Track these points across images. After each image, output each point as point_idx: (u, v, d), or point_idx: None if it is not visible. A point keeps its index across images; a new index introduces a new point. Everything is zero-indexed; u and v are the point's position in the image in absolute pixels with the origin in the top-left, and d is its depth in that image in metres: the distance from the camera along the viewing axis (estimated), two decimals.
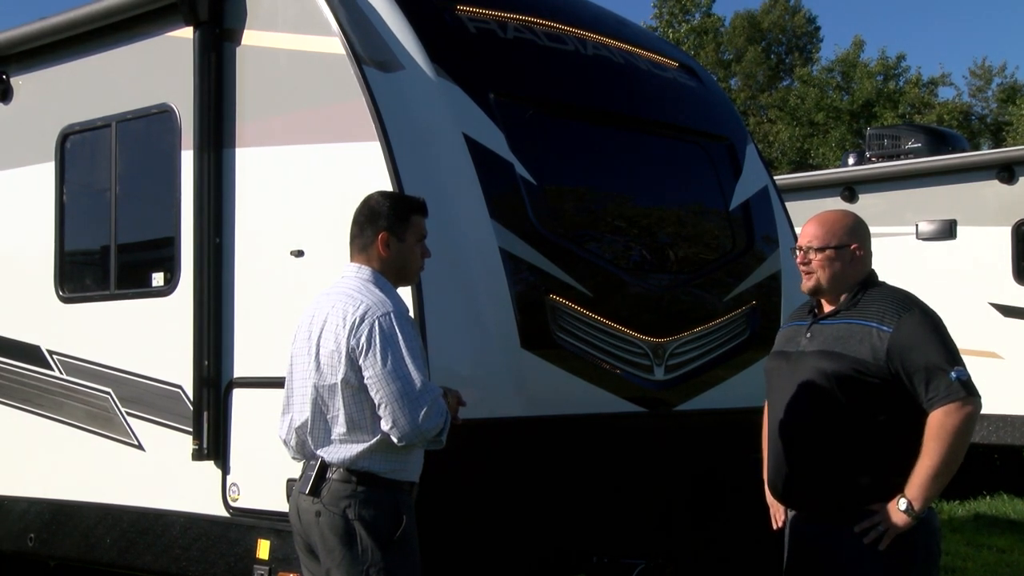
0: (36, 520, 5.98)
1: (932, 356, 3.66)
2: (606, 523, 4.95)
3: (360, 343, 3.56)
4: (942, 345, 3.69)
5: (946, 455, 3.62)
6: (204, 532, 5.16)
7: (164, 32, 5.49)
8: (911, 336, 3.71)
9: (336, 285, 3.77)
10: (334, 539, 3.60)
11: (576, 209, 5.37)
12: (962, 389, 3.62)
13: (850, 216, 4.02)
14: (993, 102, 37.67)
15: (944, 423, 3.62)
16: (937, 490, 3.67)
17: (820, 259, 3.88)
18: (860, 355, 3.75)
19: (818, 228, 3.93)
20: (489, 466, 4.49)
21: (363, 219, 3.78)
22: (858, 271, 3.90)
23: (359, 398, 3.60)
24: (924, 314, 3.77)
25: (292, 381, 3.81)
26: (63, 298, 5.96)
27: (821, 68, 38.58)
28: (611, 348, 4.97)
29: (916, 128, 13.41)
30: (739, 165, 5.98)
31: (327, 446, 3.66)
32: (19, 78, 6.30)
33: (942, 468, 3.63)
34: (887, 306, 3.80)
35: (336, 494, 3.61)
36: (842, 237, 3.89)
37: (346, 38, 4.77)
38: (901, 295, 3.86)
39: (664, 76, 5.99)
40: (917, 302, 3.84)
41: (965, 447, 3.65)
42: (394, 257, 3.76)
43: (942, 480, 3.66)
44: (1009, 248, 10.66)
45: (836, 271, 3.88)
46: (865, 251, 3.92)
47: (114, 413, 5.61)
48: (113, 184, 5.77)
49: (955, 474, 3.69)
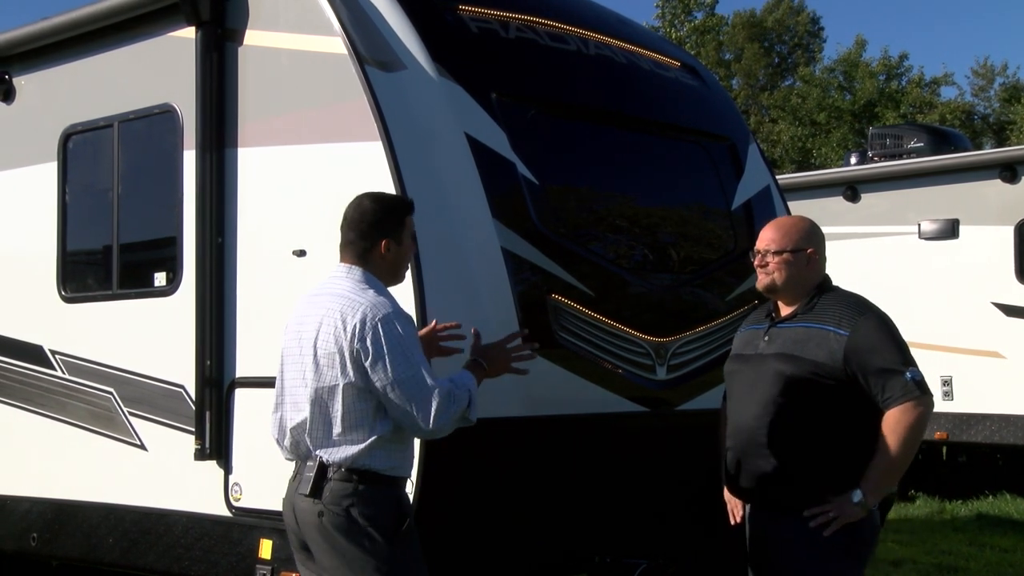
0: (38, 520, 5.98)
1: (888, 358, 3.85)
2: (608, 523, 4.95)
3: (365, 346, 3.59)
4: (896, 347, 3.88)
5: (902, 451, 3.82)
6: (206, 532, 5.16)
7: (166, 32, 5.50)
8: (867, 339, 3.88)
9: (326, 286, 3.80)
10: (341, 538, 3.62)
11: (578, 209, 5.37)
12: (916, 389, 3.82)
13: (806, 221, 4.21)
14: (996, 101, 37.64)
15: (900, 420, 3.81)
16: (888, 484, 3.91)
17: (777, 261, 4.06)
18: (818, 358, 3.91)
19: (776, 232, 4.12)
20: (490, 466, 4.49)
21: (364, 225, 3.81)
22: (813, 275, 4.08)
23: (361, 398, 3.64)
24: (879, 318, 3.95)
25: (283, 381, 3.85)
26: (65, 298, 5.96)
27: (823, 68, 38.56)
28: (613, 348, 4.97)
29: (919, 128, 13.40)
30: (741, 165, 5.98)
31: (327, 446, 3.68)
32: (21, 78, 6.30)
33: (898, 463, 3.85)
34: (843, 310, 3.97)
35: (338, 494, 3.63)
36: (798, 241, 4.07)
37: (348, 38, 4.78)
38: (856, 300, 4.05)
39: (666, 76, 5.99)
40: (871, 307, 4.02)
41: (918, 443, 3.88)
42: (392, 260, 3.84)
43: (896, 475, 3.92)
44: (1012, 248, 10.65)
45: (792, 273, 4.05)
46: (820, 255, 4.11)
47: (116, 413, 5.62)
48: (115, 184, 5.77)
49: (908, 471, 3.94)
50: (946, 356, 10.73)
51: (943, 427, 10.74)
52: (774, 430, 3.96)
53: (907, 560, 8.23)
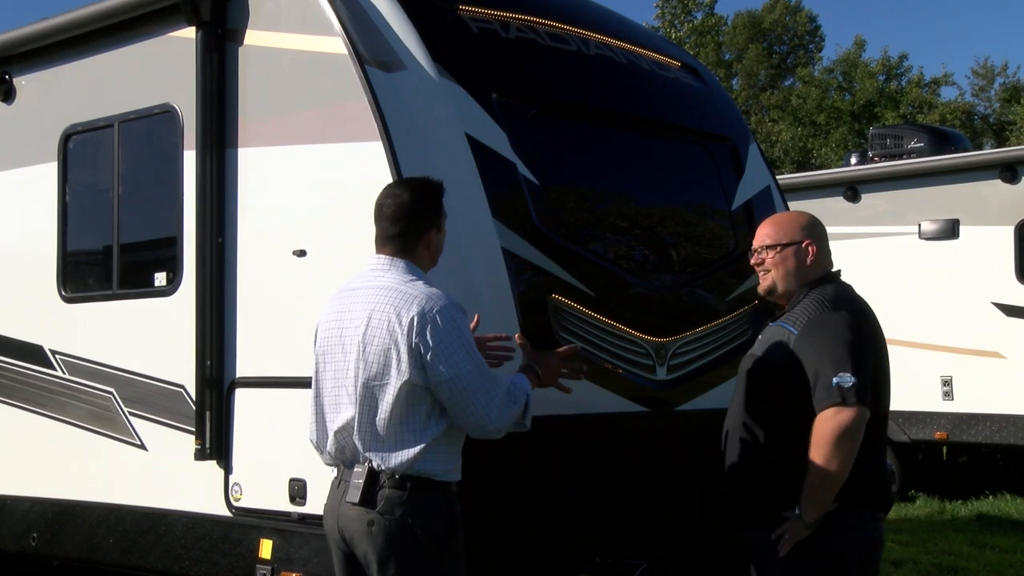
0: (39, 520, 5.98)
1: (820, 359, 3.62)
2: (608, 523, 4.95)
3: (425, 340, 3.42)
4: (832, 348, 3.62)
5: (820, 462, 3.56)
6: (206, 532, 5.16)
7: (167, 32, 5.50)
8: (808, 338, 3.68)
9: (365, 280, 3.62)
10: (391, 548, 3.44)
11: (579, 209, 5.37)
12: (838, 395, 3.55)
13: (803, 214, 4.04)
14: (996, 102, 37.65)
15: (818, 428, 3.58)
16: (821, 498, 3.58)
17: (772, 257, 3.89)
18: (772, 358, 3.76)
19: (770, 227, 3.96)
20: (489, 466, 4.48)
21: (411, 218, 3.63)
22: (813, 270, 3.88)
23: (417, 396, 3.46)
24: (831, 317, 3.70)
25: (322, 381, 3.64)
26: (66, 298, 5.97)
27: (822, 68, 38.57)
28: (613, 348, 4.97)
29: (919, 128, 13.38)
30: (741, 165, 5.98)
31: (376, 449, 3.49)
32: (22, 78, 6.30)
33: (821, 475, 3.56)
34: (809, 308, 3.76)
35: (391, 502, 3.45)
36: (794, 234, 3.89)
37: (348, 38, 4.77)
38: (830, 296, 3.79)
39: (667, 76, 5.99)
40: (840, 304, 3.75)
41: (841, 456, 3.55)
42: (435, 248, 3.71)
43: (822, 488, 3.58)
44: (1012, 248, 10.64)
45: (789, 269, 3.87)
46: (820, 249, 3.89)
47: (117, 413, 5.62)
48: (116, 184, 5.77)
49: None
50: (946, 356, 10.74)
51: (943, 427, 10.74)
52: (737, 436, 3.83)
53: (908, 560, 8.23)
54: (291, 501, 4.77)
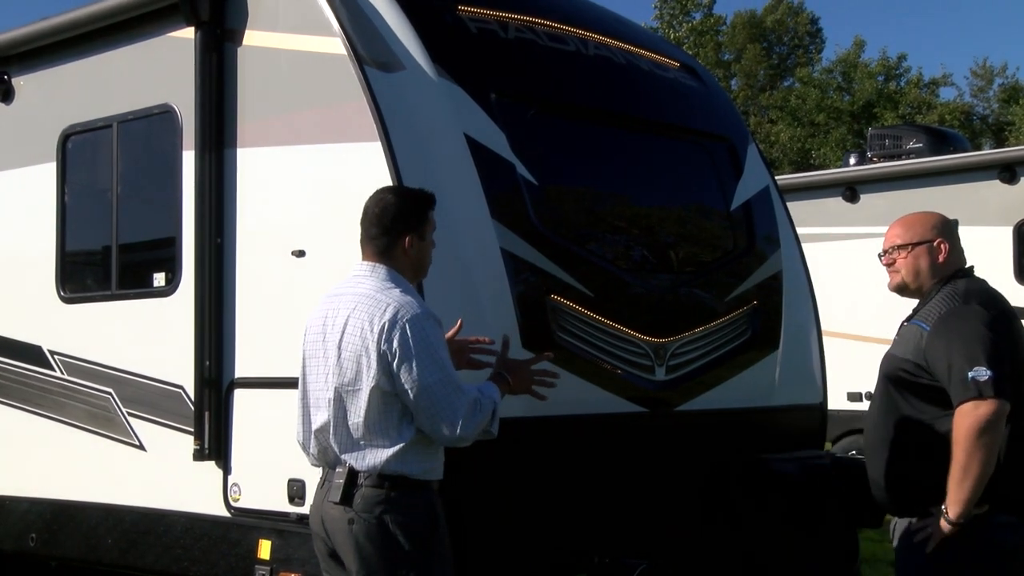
0: (37, 520, 5.98)
1: (954, 354, 3.62)
2: (607, 523, 4.95)
3: (392, 348, 3.49)
4: (965, 343, 3.62)
5: (962, 459, 3.55)
6: (205, 532, 5.16)
7: (165, 32, 5.49)
8: (941, 333, 3.68)
9: (349, 285, 3.70)
10: (370, 546, 3.52)
11: (577, 209, 5.37)
12: (974, 389, 3.54)
13: (933, 213, 4.04)
14: (994, 102, 37.69)
15: (957, 424, 3.58)
16: (967, 495, 3.57)
17: (904, 257, 3.90)
18: (906, 355, 3.76)
19: (900, 227, 3.97)
20: (489, 467, 4.49)
21: (387, 222, 3.70)
22: (945, 267, 3.89)
23: (387, 402, 3.54)
24: (963, 311, 3.71)
25: (307, 384, 3.73)
26: (64, 298, 5.96)
27: (822, 69, 38.58)
28: (612, 348, 4.97)
29: (917, 128, 13.39)
30: (740, 165, 5.98)
31: (353, 451, 3.57)
32: (21, 78, 6.30)
33: (962, 472, 3.56)
34: (941, 303, 3.77)
35: (369, 500, 3.53)
36: (923, 233, 3.91)
37: (347, 38, 4.77)
38: (964, 291, 3.80)
39: (665, 76, 5.99)
40: (974, 297, 3.76)
41: (982, 451, 3.54)
42: (415, 256, 3.74)
43: (967, 485, 3.56)
44: (1010, 248, 10.64)
45: (921, 268, 3.88)
46: (952, 246, 3.91)
47: (115, 413, 5.61)
48: (114, 184, 5.77)
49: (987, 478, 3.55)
50: None
51: None
52: (878, 433, 3.84)
53: None
54: (290, 501, 4.77)
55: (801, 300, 5.96)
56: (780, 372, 5.69)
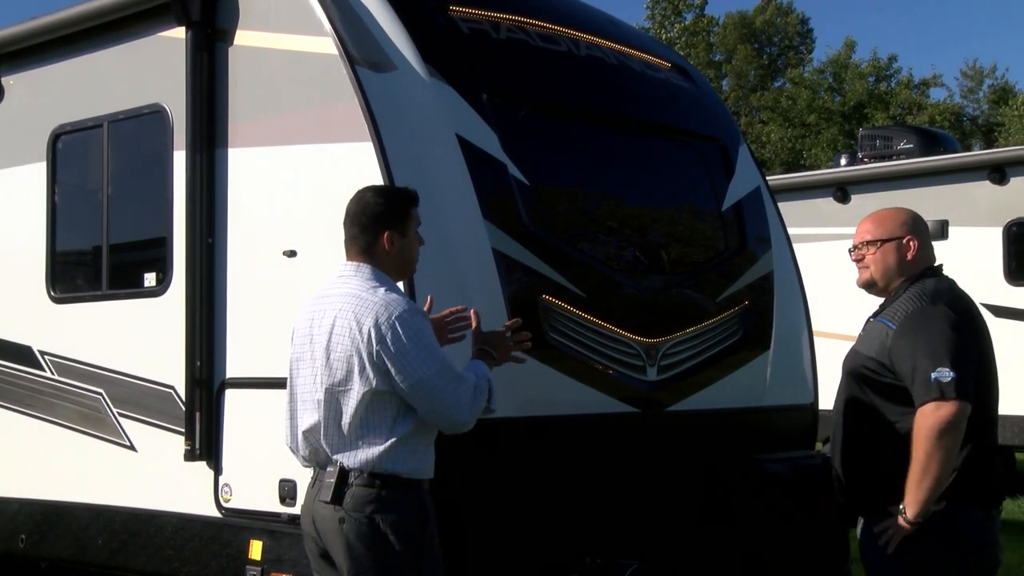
0: (27, 521, 5.96)
1: (918, 354, 3.61)
2: (599, 523, 4.95)
3: (386, 348, 3.50)
4: (930, 343, 3.61)
5: (922, 459, 3.55)
6: (196, 533, 5.15)
7: (156, 32, 5.48)
8: (906, 332, 3.67)
9: (335, 286, 3.72)
10: (361, 546, 3.53)
11: (569, 210, 5.37)
12: (936, 390, 3.54)
13: (904, 210, 4.04)
14: (984, 103, 37.82)
15: (919, 425, 3.58)
16: (925, 496, 3.57)
17: (873, 252, 3.90)
18: (870, 353, 3.76)
19: (870, 223, 3.97)
20: (480, 467, 4.49)
21: (365, 219, 3.73)
22: (914, 265, 3.88)
23: (381, 401, 3.55)
24: (928, 311, 3.69)
25: (295, 387, 3.74)
26: (55, 298, 5.94)
27: (812, 69, 38.66)
28: (604, 348, 4.97)
29: (908, 129, 13.44)
30: (732, 166, 5.99)
31: (344, 450, 3.58)
32: (10, 78, 6.28)
33: (921, 473, 3.56)
34: (907, 303, 3.76)
35: (360, 499, 3.54)
36: (894, 229, 3.90)
37: (339, 38, 4.77)
38: (932, 290, 3.79)
39: (657, 77, 5.99)
40: (941, 297, 3.74)
41: (942, 452, 3.54)
42: (397, 253, 3.75)
43: (926, 485, 3.57)
44: (1000, 249, 10.68)
45: (890, 264, 3.88)
46: (922, 243, 3.90)
47: (106, 414, 5.60)
48: (105, 184, 5.75)
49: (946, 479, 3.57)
50: None
51: None
52: (842, 433, 3.84)
53: None
54: (281, 502, 4.76)
55: (792, 301, 5.97)
56: (771, 372, 5.69)
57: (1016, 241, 10.75)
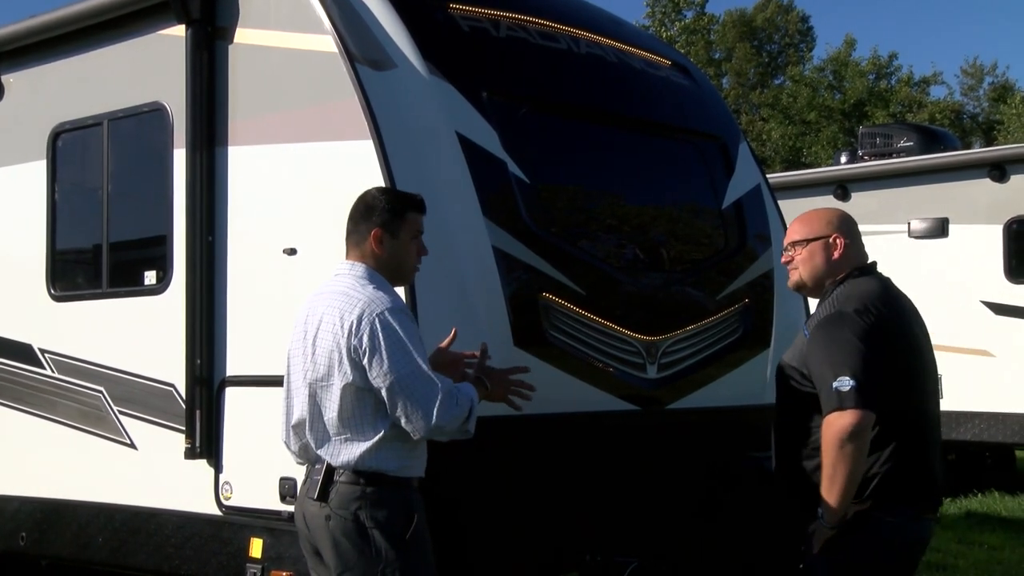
0: (28, 519, 5.96)
1: (822, 363, 3.61)
2: (599, 521, 4.95)
3: (362, 344, 3.52)
4: (831, 352, 3.59)
5: (829, 467, 3.56)
6: (197, 531, 5.15)
7: (156, 30, 5.48)
8: (815, 340, 3.67)
9: (329, 284, 3.75)
10: (346, 543, 3.55)
11: (569, 208, 5.37)
12: (836, 399, 3.53)
13: (832, 209, 4.02)
14: (984, 101, 37.81)
15: (824, 434, 3.59)
16: (836, 501, 3.58)
17: (801, 253, 3.87)
18: (792, 362, 3.78)
19: (798, 223, 3.94)
20: (480, 465, 4.49)
21: (358, 215, 3.76)
22: (841, 264, 3.84)
23: (360, 397, 3.56)
24: (838, 318, 3.66)
25: (290, 383, 3.77)
26: (55, 296, 5.94)
27: (813, 67, 38.65)
28: (604, 346, 4.97)
29: (908, 127, 13.44)
30: (732, 164, 5.98)
31: (328, 447, 3.60)
32: (10, 76, 6.28)
33: (830, 481, 3.57)
34: (824, 308, 3.76)
35: (345, 497, 3.56)
36: (820, 229, 3.86)
37: (339, 36, 4.76)
38: (847, 294, 3.74)
39: (657, 75, 5.99)
40: (855, 301, 3.70)
41: (846, 460, 3.54)
42: (388, 254, 3.74)
43: (835, 492, 3.57)
44: (1000, 246, 10.69)
45: (817, 264, 3.84)
46: (850, 242, 3.85)
47: (106, 412, 5.60)
48: (105, 182, 5.75)
49: (854, 485, 3.56)
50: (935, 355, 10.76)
51: None
52: (776, 436, 3.90)
53: None
54: (281, 500, 4.76)
55: (792, 298, 5.96)
56: (771, 370, 5.69)
57: (1016, 239, 10.76)
